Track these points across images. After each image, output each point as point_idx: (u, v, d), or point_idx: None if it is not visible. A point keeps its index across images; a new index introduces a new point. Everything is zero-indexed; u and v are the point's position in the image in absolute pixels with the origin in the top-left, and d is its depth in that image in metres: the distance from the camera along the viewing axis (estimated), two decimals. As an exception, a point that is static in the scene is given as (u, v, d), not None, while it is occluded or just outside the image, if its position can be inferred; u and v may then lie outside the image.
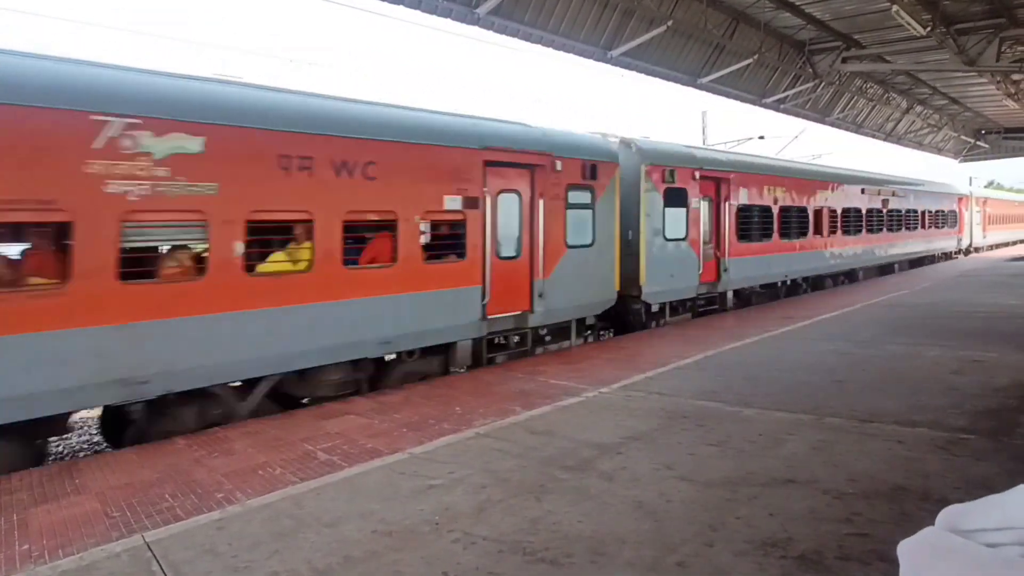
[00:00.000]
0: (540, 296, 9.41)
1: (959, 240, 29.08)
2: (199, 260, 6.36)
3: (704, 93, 17.62)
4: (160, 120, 5.83)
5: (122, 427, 6.29)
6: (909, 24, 13.41)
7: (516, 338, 9.39)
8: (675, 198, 12.07)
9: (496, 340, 9.18)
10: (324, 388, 7.26)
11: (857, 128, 24.75)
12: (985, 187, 40.69)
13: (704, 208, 12.91)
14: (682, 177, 12.14)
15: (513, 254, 9.24)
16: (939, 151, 32.73)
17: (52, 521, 4.20)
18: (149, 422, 6.10)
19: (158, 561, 3.56)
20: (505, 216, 9.11)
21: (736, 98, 18.69)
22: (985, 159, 35.49)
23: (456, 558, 3.51)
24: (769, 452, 5.04)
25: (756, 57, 16.57)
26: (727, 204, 13.49)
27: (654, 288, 11.59)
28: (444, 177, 8.13)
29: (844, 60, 17.64)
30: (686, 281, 12.43)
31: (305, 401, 7.39)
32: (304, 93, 7.34)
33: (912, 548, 1.05)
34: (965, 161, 35.31)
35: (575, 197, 9.93)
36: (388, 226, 7.65)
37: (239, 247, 6.32)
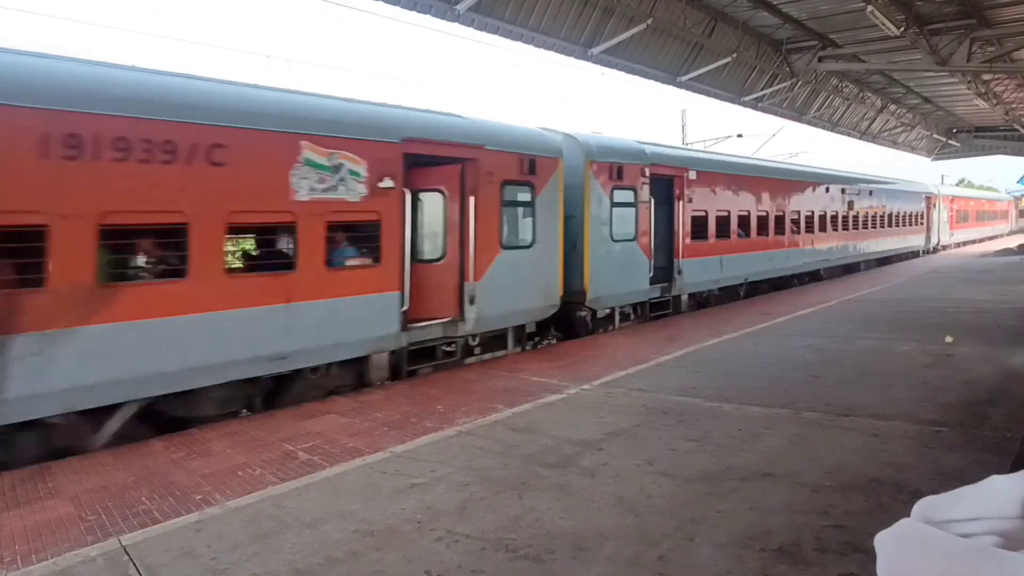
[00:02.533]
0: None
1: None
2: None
3: (683, 92, 17.77)
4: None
5: None
6: (883, 24, 13.64)
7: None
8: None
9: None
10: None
11: (833, 127, 25.14)
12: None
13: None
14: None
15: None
16: (912, 149, 33.39)
17: (25, 526, 4.10)
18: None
19: (135, 565, 3.50)
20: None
21: (715, 96, 18.86)
22: (957, 157, 36.29)
23: (439, 556, 3.51)
24: (748, 447, 5.11)
25: (734, 56, 16.73)
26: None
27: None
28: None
29: (820, 59, 17.89)
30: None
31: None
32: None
33: (888, 540, 1.07)
34: (937, 159, 36.08)
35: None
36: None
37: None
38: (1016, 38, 15.88)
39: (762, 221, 15.84)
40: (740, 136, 29.04)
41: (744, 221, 15.10)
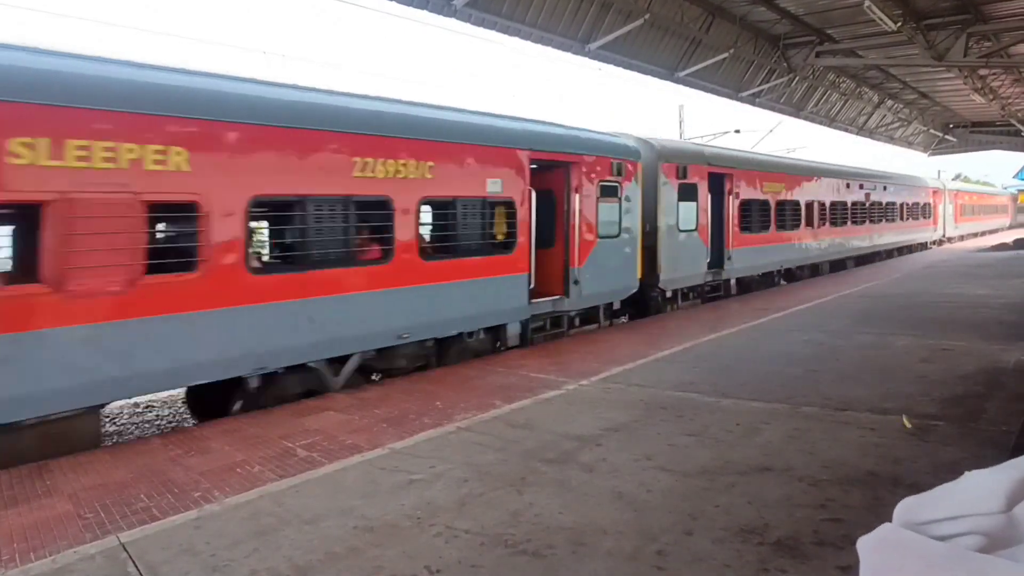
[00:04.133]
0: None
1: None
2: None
3: (681, 87, 17.73)
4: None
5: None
6: (880, 19, 13.62)
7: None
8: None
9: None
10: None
11: (831, 122, 25.12)
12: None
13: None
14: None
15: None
16: (909, 145, 33.39)
17: (23, 524, 4.10)
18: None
19: (134, 562, 3.50)
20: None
21: (713, 92, 18.82)
22: (953, 153, 36.28)
23: (438, 552, 3.51)
24: (746, 441, 5.13)
25: (732, 51, 16.70)
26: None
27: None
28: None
29: (818, 55, 17.86)
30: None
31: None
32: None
33: (869, 545, 1.08)
34: (934, 155, 36.09)
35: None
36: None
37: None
38: (1012, 33, 15.88)
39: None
40: (738, 132, 28.92)
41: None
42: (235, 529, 3.86)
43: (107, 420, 9.11)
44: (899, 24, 14.14)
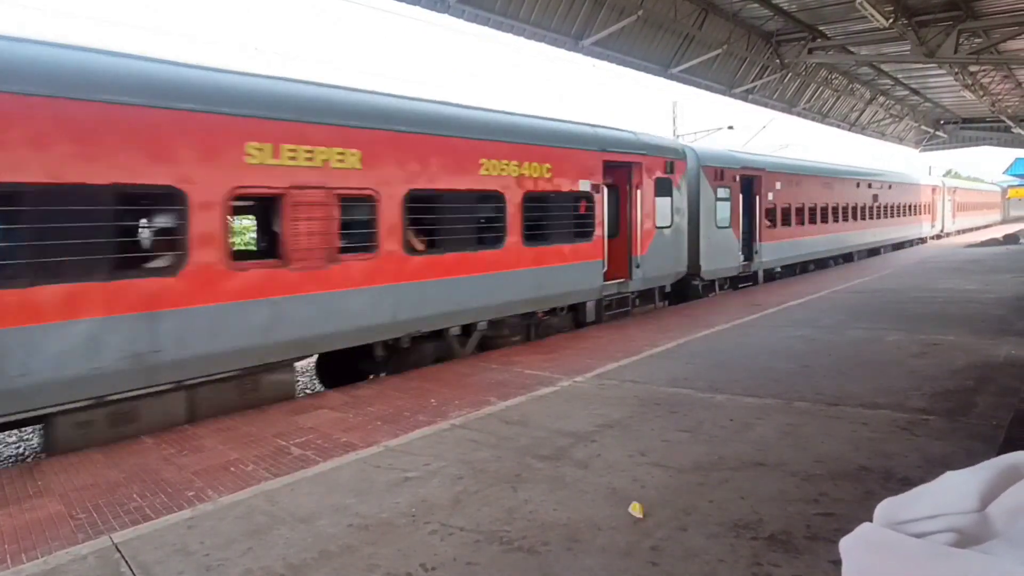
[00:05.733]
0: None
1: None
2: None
3: (674, 84, 17.74)
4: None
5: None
6: (872, 15, 13.67)
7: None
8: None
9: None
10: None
11: (823, 118, 25.21)
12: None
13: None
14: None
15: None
16: (900, 141, 33.55)
17: (14, 525, 4.07)
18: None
19: (127, 562, 3.48)
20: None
21: (706, 88, 18.85)
22: (944, 149, 36.47)
23: (433, 550, 3.51)
24: (739, 437, 5.15)
25: (725, 48, 16.72)
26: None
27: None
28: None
29: (810, 51, 17.91)
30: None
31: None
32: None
33: (851, 544, 1.09)
34: (925, 151, 36.30)
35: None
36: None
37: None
38: (1002, 29, 15.97)
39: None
40: (731, 128, 29.03)
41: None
42: (229, 528, 3.85)
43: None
44: (891, 20, 14.20)
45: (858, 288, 14.64)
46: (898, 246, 27.30)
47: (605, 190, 11.02)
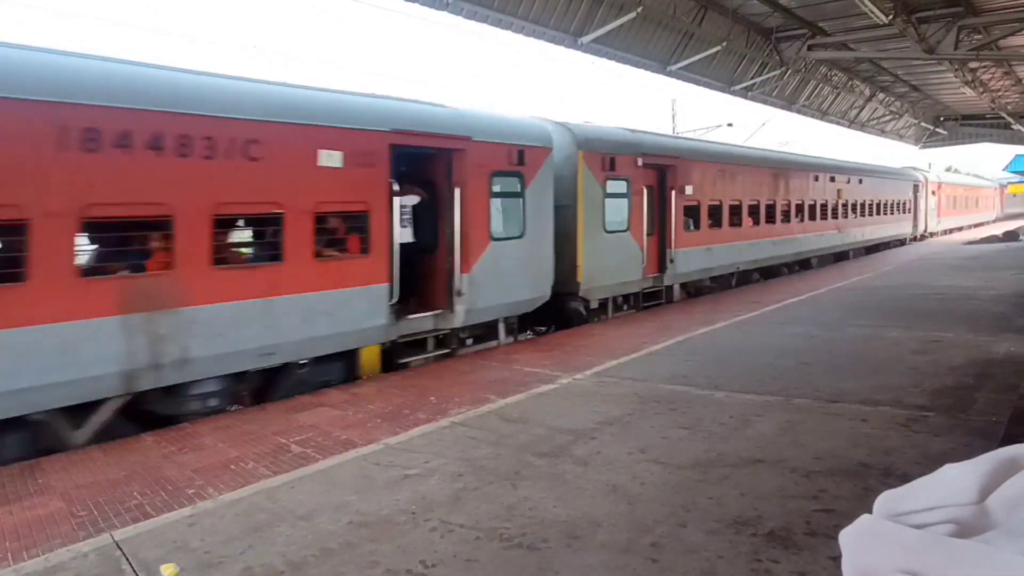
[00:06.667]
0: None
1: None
2: None
3: (674, 82, 17.74)
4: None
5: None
6: (872, 12, 13.65)
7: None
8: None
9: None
10: None
11: (823, 115, 25.20)
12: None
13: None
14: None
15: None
16: (900, 138, 33.55)
17: (15, 522, 4.08)
18: None
19: (128, 559, 3.49)
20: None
21: (705, 85, 18.83)
22: (944, 145, 36.50)
23: (433, 547, 3.52)
24: (738, 433, 5.16)
25: (724, 44, 16.70)
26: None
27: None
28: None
29: (810, 48, 17.90)
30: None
31: None
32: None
33: (850, 536, 1.10)
34: (925, 147, 36.29)
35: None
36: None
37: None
38: (1002, 26, 15.95)
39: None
40: (731, 125, 29.08)
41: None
42: (229, 526, 3.85)
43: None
44: (891, 17, 14.17)
45: (857, 285, 14.63)
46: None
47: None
